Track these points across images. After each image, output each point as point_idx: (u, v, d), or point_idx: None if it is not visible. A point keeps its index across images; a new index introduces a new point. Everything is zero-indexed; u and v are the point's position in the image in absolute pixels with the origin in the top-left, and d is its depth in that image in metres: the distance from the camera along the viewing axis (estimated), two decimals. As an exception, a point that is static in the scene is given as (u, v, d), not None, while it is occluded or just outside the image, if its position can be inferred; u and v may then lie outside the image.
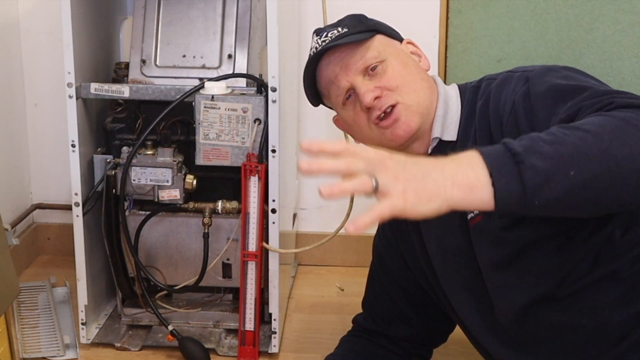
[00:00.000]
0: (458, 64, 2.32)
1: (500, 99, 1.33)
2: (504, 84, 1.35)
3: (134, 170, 1.88)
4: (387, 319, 1.66)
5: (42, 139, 2.46)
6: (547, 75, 1.30)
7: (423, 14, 2.30)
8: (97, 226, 1.94)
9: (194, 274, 1.93)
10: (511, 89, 1.32)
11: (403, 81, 1.40)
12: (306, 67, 1.46)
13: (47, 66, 2.40)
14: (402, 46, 1.49)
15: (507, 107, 1.30)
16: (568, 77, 1.29)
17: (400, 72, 1.41)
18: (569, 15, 2.23)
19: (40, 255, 2.52)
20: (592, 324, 1.28)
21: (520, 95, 1.29)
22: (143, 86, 1.88)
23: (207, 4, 1.95)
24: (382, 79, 1.40)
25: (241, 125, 1.82)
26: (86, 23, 1.88)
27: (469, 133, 1.38)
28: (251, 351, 1.90)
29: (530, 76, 1.31)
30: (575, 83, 1.26)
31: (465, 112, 1.41)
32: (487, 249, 1.37)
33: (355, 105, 1.42)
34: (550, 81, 1.28)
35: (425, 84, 1.43)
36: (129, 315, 2.02)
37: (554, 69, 1.33)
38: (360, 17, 1.50)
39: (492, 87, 1.37)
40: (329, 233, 1.94)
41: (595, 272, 1.27)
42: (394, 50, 1.45)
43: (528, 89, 1.29)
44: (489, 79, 1.41)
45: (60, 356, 1.90)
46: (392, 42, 1.48)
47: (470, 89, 1.43)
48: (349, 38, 1.41)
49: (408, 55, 1.48)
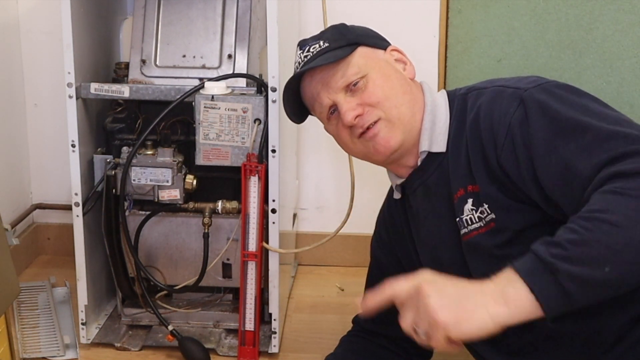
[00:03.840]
0: (458, 64, 2.32)
1: (492, 117, 1.31)
2: (496, 101, 1.32)
3: (134, 170, 1.88)
4: (386, 319, 1.66)
5: (42, 139, 2.46)
6: (543, 99, 1.27)
7: (423, 14, 2.31)
8: (97, 226, 1.94)
9: (194, 274, 1.93)
10: (504, 108, 1.30)
11: (384, 96, 1.40)
12: (287, 85, 1.47)
13: (47, 66, 2.40)
14: (385, 55, 1.47)
15: (501, 129, 1.28)
16: (565, 100, 1.26)
17: (382, 86, 1.40)
18: (569, 15, 2.23)
19: (40, 255, 2.53)
20: (587, 331, 1.28)
21: (516, 120, 1.27)
22: (143, 86, 1.88)
23: (207, 4, 1.95)
24: (363, 95, 1.39)
25: (241, 125, 1.82)
26: (86, 23, 1.88)
27: (460, 146, 1.37)
28: (251, 351, 1.90)
29: (524, 97, 1.28)
30: (575, 116, 1.22)
31: (455, 123, 1.39)
32: (481, 265, 1.37)
33: (339, 120, 1.42)
34: (548, 109, 1.25)
35: (407, 97, 1.41)
36: (129, 315, 2.02)
37: (548, 89, 1.29)
38: (341, 29, 1.47)
39: (483, 101, 1.34)
40: (329, 233, 1.94)
41: None
42: (375, 63, 1.43)
43: (525, 115, 1.26)
44: (478, 90, 1.39)
45: (60, 356, 1.90)
46: (375, 52, 1.46)
47: (459, 97, 1.41)
48: (328, 57, 1.41)
49: (391, 65, 1.45)
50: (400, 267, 1.60)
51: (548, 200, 1.24)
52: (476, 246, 1.36)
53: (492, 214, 1.32)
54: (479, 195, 1.33)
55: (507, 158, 1.27)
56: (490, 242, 1.33)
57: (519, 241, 1.30)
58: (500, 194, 1.30)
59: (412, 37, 2.32)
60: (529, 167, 1.24)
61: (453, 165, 1.37)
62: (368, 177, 2.11)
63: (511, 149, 1.27)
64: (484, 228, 1.33)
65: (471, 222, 1.35)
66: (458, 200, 1.36)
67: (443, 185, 1.40)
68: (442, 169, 1.40)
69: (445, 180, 1.39)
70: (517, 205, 1.29)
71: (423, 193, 1.45)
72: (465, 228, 1.36)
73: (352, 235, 2.33)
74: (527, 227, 1.29)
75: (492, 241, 1.33)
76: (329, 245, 2.09)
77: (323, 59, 1.41)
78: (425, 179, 1.43)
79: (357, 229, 2.03)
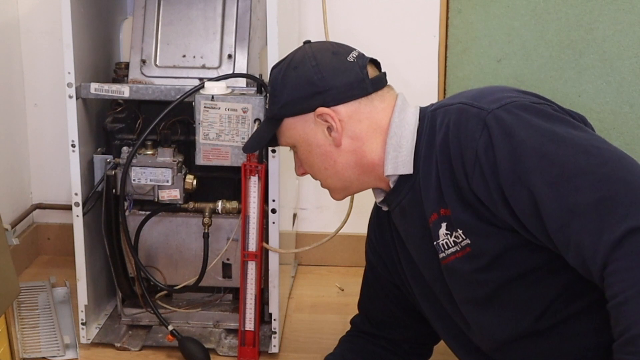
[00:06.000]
0: (458, 64, 2.32)
1: (459, 141, 1.27)
2: (461, 122, 1.29)
3: (134, 170, 1.88)
4: (383, 322, 1.66)
5: (42, 139, 2.46)
6: (508, 123, 1.23)
7: (423, 14, 2.30)
8: (97, 226, 1.94)
9: (194, 274, 1.93)
10: (470, 133, 1.26)
11: (311, 170, 1.48)
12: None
13: (47, 66, 2.39)
14: (312, 121, 1.42)
15: (469, 155, 1.25)
16: (530, 125, 1.23)
17: (306, 161, 1.47)
18: (569, 15, 2.23)
19: (40, 255, 2.52)
20: (574, 351, 1.28)
21: (481, 147, 1.24)
22: (143, 86, 1.88)
23: (207, 4, 1.95)
24: (300, 161, 1.50)
25: (241, 125, 1.82)
26: (86, 23, 1.88)
27: (430, 167, 1.34)
28: (251, 351, 1.90)
29: (488, 121, 1.25)
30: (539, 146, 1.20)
31: (425, 143, 1.35)
32: (462, 288, 1.36)
33: None
34: (513, 135, 1.22)
35: (330, 171, 1.44)
36: (129, 315, 2.02)
37: (511, 111, 1.25)
38: (271, 92, 1.46)
39: (450, 121, 1.31)
40: (329, 233, 1.94)
41: (573, 303, 1.27)
42: (300, 135, 1.44)
43: (490, 141, 1.23)
44: (444, 107, 1.35)
45: (60, 356, 1.90)
46: (301, 120, 1.43)
47: (429, 115, 1.38)
48: (259, 134, 1.54)
49: (314, 135, 1.42)
50: (390, 273, 1.61)
51: (523, 226, 1.23)
52: (455, 271, 1.35)
53: (467, 239, 1.30)
54: (451, 220, 1.31)
55: (477, 185, 1.25)
56: (469, 267, 1.32)
57: (497, 265, 1.29)
58: (474, 219, 1.28)
59: (412, 37, 2.32)
60: (499, 194, 1.23)
61: (425, 187, 1.35)
62: (368, 177, 2.10)
63: (481, 177, 1.24)
64: (460, 252, 1.32)
65: (447, 247, 1.34)
66: (433, 224, 1.35)
67: (417, 207, 1.38)
68: (414, 191, 1.38)
69: (418, 202, 1.38)
70: (492, 230, 1.27)
71: (400, 214, 1.45)
72: (443, 252, 1.35)
73: (352, 235, 2.33)
74: (505, 251, 1.27)
75: (469, 266, 1.31)
76: (329, 245, 2.09)
77: (250, 144, 1.55)
78: (400, 200, 1.42)
79: (357, 229, 2.02)
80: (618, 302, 1.09)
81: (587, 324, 1.26)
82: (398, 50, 2.31)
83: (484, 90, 1.34)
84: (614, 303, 1.10)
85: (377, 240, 1.62)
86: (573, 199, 1.15)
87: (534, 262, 1.27)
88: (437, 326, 1.52)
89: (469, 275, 1.32)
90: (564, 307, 1.27)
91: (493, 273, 1.30)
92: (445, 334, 1.51)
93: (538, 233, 1.21)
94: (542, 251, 1.24)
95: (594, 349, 1.27)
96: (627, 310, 1.08)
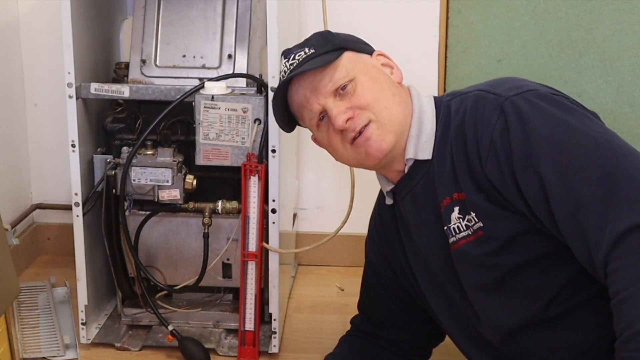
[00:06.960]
0: (458, 64, 2.32)
1: (476, 126, 1.30)
2: (478, 107, 1.31)
3: (134, 170, 1.88)
4: (382, 322, 1.66)
5: (42, 139, 2.46)
6: (524, 110, 1.26)
7: (423, 14, 2.31)
8: (97, 226, 1.94)
9: (194, 274, 1.93)
10: (486, 118, 1.29)
11: (374, 98, 1.38)
12: (275, 94, 1.45)
13: (47, 66, 2.39)
14: (372, 60, 1.45)
15: (484, 140, 1.28)
16: (545, 114, 1.25)
17: (371, 89, 1.38)
18: (569, 15, 2.23)
19: (40, 255, 2.52)
20: (582, 341, 1.29)
21: (497, 131, 1.26)
22: (143, 86, 1.88)
23: (207, 4, 1.95)
24: (352, 98, 1.37)
25: (241, 125, 1.82)
26: (86, 23, 1.88)
27: (445, 153, 1.36)
28: (251, 351, 1.90)
29: (504, 107, 1.27)
30: (552, 135, 1.22)
31: (440, 130, 1.38)
32: (471, 274, 1.36)
33: (329, 126, 1.40)
34: (528, 123, 1.24)
35: (397, 99, 1.40)
36: (129, 315, 2.02)
37: (528, 98, 1.27)
38: (326, 35, 1.47)
39: (467, 107, 1.33)
40: (329, 233, 1.94)
41: (582, 291, 1.27)
42: (363, 67, 1.41)
43: (505, 126, 1.25)
44: (460, 95, 1.37)
45: (60, 356, 1.90)
46: (361, 57, 1.44)
47: (445, 104, 1.40)
48: (316, 61, 1.39)
49: (378, 69, 1.44)
50: (392, 270, 1.60)
51: (533, 212, 1.24)
52: (465, 255, 1.35)
53: (479, 222, 1.31)
54: (465, 203, 1.32)
55: (491, 169, 1.27)
56: (479, 251, 1.32)
57: (508, 250, 1.30)
58: (487, 203, 1.29)
59: (412, 37, 2.32)
60: (512, 179, 1.25)
61: (438, 173, 1.36)
62: (368, 177, 2.10)
63: (495, 161, 1.26)
64: (472, 236, 1.33)
65: (459, 231, 1.35)
66: (445, 209, 1.36)
67: (430, 193, 1.39)
68: (428, 177, 1.39)
69: (431, 188, 1.38)
70: (505, 214, 1.29)
71: (411, 201, 1.45)
72: (454, 237, 1.36)
73: (352, 235, 2.33)
74: (516, 235, 1.29)
75: (481, 250, 1.32)
76: (329, 245, 2.09)
77: (311, 64, 1.39)
78: (412, 186, 1.42)
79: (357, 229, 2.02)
80: (620, 299, 1.10)
81: (591, 314, 1.27)
82: (398, 50, 2.28)
83: (501, 79, 1.36)
84: (616, 301, 1.11)
85: (380, 240, 1.61)
86: (580, 190, 1.17)
87: (544, 249, 1.28)
88: (443, 319, 1.51)
89: (479, 260, 1.33)
90: (571, 296, 1.28)
91: (503, 257, 1.30)
92: (450, 326, 1.50)
93: (545, 220, 1.22)
94: (552, 239, 1.25)
95: (596, 342, 1.27)
96: (629, 307, 1.09)
